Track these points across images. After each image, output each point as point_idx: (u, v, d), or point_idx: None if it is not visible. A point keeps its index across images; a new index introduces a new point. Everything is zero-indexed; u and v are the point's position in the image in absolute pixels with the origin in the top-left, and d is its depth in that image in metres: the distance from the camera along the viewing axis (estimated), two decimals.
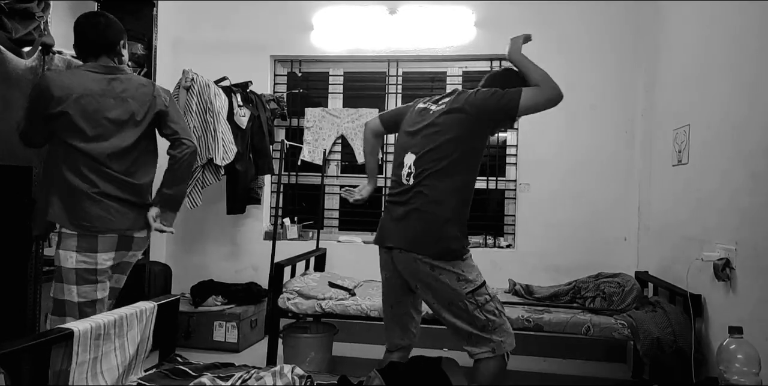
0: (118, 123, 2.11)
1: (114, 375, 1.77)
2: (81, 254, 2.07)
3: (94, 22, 2.16)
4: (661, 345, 2.53)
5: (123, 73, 2.18)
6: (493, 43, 3.82)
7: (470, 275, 1.97)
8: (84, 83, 2.07)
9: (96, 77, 2.10)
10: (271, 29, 4.06)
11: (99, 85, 2.09)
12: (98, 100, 2.07)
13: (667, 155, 3.08)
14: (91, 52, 2.16)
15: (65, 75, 2.12)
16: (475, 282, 1.97)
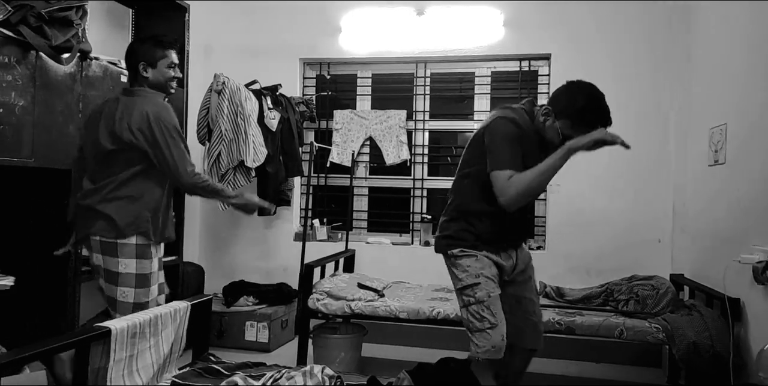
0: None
1: (149, 373, 1.81)
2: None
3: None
4: (698, 349, 2.47)
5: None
6: (522, 42, 3.78)
7: (461, 274, 2.09)
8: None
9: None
10: (300, 32, 4.10)
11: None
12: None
13: (703, 155, 3.01)
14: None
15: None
16: (462, 282, 2.08)
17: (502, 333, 2.03)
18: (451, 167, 4.21)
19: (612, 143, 1.87)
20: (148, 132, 2.18)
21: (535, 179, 1.90)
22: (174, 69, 2.38)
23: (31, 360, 1.43)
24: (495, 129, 2.00)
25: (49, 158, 2.35)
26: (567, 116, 1.97)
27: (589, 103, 1.95)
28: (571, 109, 1.96)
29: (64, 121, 2.41)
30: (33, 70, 2.24)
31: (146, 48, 2.34)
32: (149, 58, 2.32)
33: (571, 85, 2.02)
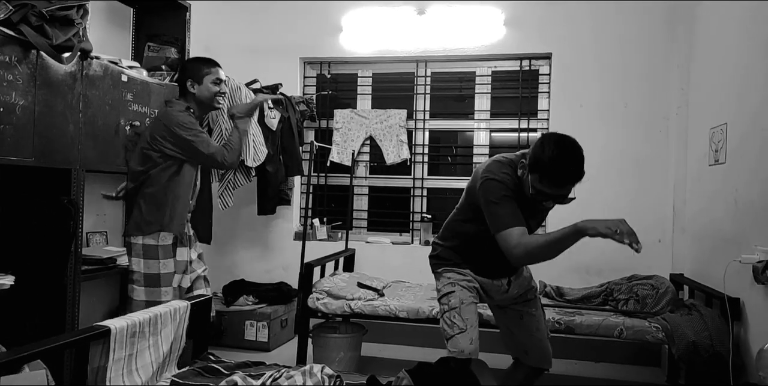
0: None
1: (148, 373, 1.81)
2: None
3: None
4: (698, 349, 2.47)
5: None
6: (523, 42, 3.78)
7: (440, 285, 2.19)
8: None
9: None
10: (301, 32, 4.10)
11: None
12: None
13: (703, 155, 3.01)
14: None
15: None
16: (440, 292, 2.16)
17: (471, 337, 2.04)
18: (451, 167, 4.21)
19: (619, 242, 1.79)
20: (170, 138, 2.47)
21: (545, 248, 1.84)
22: (219, 84, 2.61)
23: (30, 359, 1.43)
24: (485, 191, 1.94)
25: (49, 158, 2.34)
26: (536, 169, 1.86)
27: (555, 158, 1.80)
28: (539, 163, 1.84)
29: (65, 120, 2.41)
30: (34, 69, 2.24)
31: (193, 65, 2.61)
32: (196, 75, 2.57)
33: (544, 138, 1.88)
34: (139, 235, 2.47)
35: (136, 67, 3.02)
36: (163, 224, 2.47)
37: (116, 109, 2.71)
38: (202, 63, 2.62)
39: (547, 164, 1.82)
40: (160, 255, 2.46)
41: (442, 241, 2.25)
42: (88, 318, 2.78)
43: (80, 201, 2.48)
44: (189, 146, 2.48)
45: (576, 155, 1.83)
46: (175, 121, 2.49)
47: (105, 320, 1.74)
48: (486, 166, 2.02)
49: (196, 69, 2.59)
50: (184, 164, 2.52)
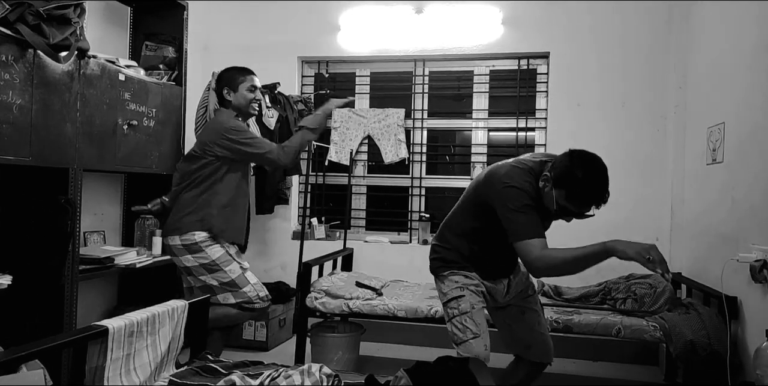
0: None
1: (146, 372, 1.81)
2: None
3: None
4: (695, 347, 2.47)
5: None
6: (520, 41, 3.78)
7: (446, 288, 2.11)
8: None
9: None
10: (299, 31, 4.09)
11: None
12: None
13: (701, 154, 3.01)
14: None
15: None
16: (447, 295, 2.10)
17: (485, 343, 2.03)
18: (449, 166, 4.21)
19: (650, 269, 1.77)
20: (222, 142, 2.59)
21: (569, 264, 1.84)
22: (254, 91, 2.72)
23: (27, 359, 1.43)
24: (507, 199, 1.91)
25: (46, 157, 2.34)
26: (563, 186, 1.87)
27: (587, 178, 1.83)
28: (568, 181, 1.85)
29: (62, 119, 2.41)
30: (31, 68, 2.24)
31: (229, 74, 2.72)
32: (231, 83, 2.69)
33: (573, 156, 1.89)
34: (214, 243, 2.59)
35: (134, 66, 3.02)
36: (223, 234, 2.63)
37: (114, 108, 2.71)
38: (236, 71, 2.73)
39: (578, 184, 1.84)
40: (222, 265, 2.59)
41: (443, 243, 2.20)
42: (86, 317, 2.78)
43: (78, 201, 2.48)
44: (241, 149, 2.59)
45: (606, 177, 1.86)
46: (224, 127, 2.60)
47: (103, 319, 1.73)
48: (506, 171, 1.97)
49: (232, 78, 2.71)
50: (229, 169, 2.63)
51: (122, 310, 2.30)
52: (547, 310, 2.85)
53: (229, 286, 2.60)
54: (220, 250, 2.60)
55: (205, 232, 2.58)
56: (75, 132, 2.47)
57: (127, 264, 2.80)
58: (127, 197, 3.37)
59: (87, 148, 2.55)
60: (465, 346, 2.02)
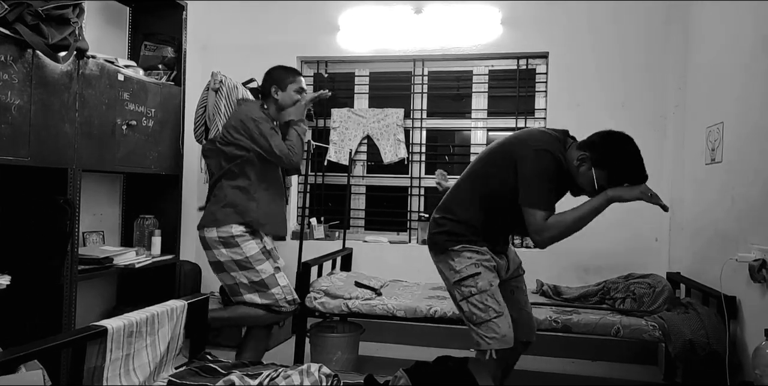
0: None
1: (146, 372, 1.81)
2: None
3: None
4: (694, 347, 2.48)
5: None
6: (519, 41, 3.79)
7: (459, 265, 2.05)
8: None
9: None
10: (298, 31, 4.09)
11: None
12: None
13: (700, 154, 3.01)
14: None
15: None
16: (461, 273, 2.04)
17: (509, 321, 2.01)
18: (448, 166, 4.21)
19: (653, 203, 1.92)
20: (244, 131, 2.64)
21: (573, 224, 1.93)
22: (301, 93, 2.81)
23: (26, 359, 1.43)
24: (537, 161, 1.95)
25: (45, 158, 2.34)
26: (605, 167, 1.95)
27: (631, 160, 1.96)
28: (612, 162, 1.95)
29: (61, 120, 2.41)
30: (30, 68, 2.24)
31: (279, 73, 2.80)
32: (281, 82, 2.78)
33: (612, 138, 1.99)
34: (251, 239, 2.62)
35: (133, 66, 3.01)
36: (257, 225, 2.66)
37: (113, 108, 2.71)
38: (287, 71, 2.81)
39: (627, 166, 1.95)
40: (254, 263, 2.61)
41: (449, 214, 2.11)
42: (85, 317, 2.78)
43: (76, 201, 2.48)
44: (256, 138, 2.61)
45: (642, 160, 2.00)
46: (247, 114, 2.66)
47: (102, 320, 1.73)
48: (535, 136, 2.01)
49: (282, 77, 2.78)
50: (263, 160, 2.65)
51: (121, 310, 2.30)
52: (546, 310, 2.85)
53: (258, 286, 2.61)
54: (255, 247, 2.62)
55: (243, 226, 2.61)
56: (74, 132, 2.47)
57: (126, 264, 2.80)
58: (126, 197, 3.37)
59: (86, 148, 2.54)
60: (487, 326, 1.97)
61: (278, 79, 2.78)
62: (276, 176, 2.77)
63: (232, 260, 2.60)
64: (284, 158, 2.65)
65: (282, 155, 2.64)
